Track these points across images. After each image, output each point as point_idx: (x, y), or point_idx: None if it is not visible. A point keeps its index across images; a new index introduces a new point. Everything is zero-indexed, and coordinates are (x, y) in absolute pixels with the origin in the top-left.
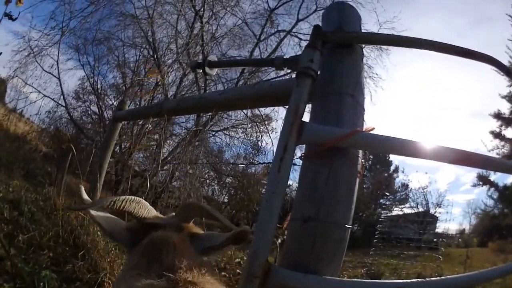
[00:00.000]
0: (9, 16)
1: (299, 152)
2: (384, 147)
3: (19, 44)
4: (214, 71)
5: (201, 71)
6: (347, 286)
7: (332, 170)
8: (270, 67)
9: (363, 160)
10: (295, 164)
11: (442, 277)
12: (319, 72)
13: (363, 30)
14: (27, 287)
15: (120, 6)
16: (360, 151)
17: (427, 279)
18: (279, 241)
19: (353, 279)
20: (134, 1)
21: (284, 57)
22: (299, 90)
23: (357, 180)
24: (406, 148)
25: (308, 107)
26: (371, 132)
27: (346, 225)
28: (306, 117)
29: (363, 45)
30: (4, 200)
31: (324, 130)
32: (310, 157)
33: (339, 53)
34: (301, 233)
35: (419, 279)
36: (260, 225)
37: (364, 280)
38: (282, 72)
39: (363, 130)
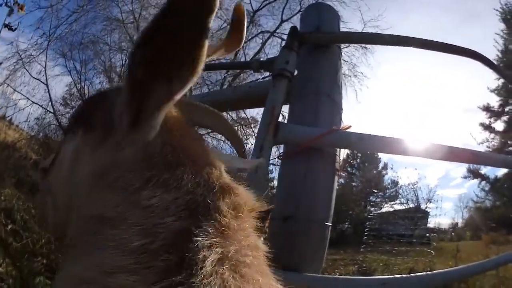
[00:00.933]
0: (8, 27)
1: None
2: (360, 145)
3: (7, 51)
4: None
5: None
6: (328, 282)
7: (309, 169)
8: (263, 70)
9: (348, 158)
10: (274, 164)
11: (429, 272)
12: (296, 73)
13: (347, 29)
14: None
15: (106, 11)
16: (338, 149)
17: (412, 274)
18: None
19: (336, 276)
20: (120, 5)
21: (261, 59)
22: (275, 91)
23: (336, 178)
24: (382, 145)
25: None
26: (347, 130)
27: (326, 223)
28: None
29: (342, 45)
30: None
31: (299, 130)
32: (288, 157)
33: (316, 53)
34: (281, 232)
35: (403, 275)
36: None
37: (345, 276)
38: (267, 73)
39: (339, 128)
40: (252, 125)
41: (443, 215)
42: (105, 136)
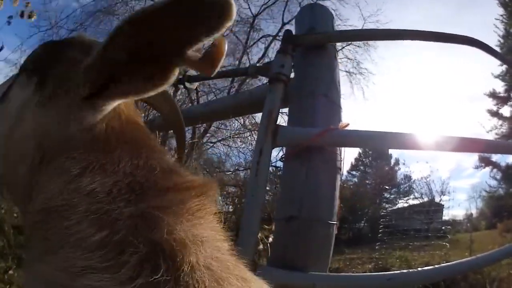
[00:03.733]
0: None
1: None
2: (359, 142)
3: (12, 72)
4: (195, 85)
5: (182, 86)
6: (333, 280)
7: (309, 169)
8: (260, 75)
9: (360, 157)
10: (277, 167)
11: (436, 265)
12: (293, 75)
13: (349, 26)
14: None
15: (108, 25)
16: (339, 148)
17: (419, 268)
18: (270, 240)
19: (341, 273)
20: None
21: (258, 64)
22: (272, 95)
23: (338, 176)
24: (381, 140)
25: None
26: (346, 128)
27: (330, 221)
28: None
29: (345, 43)
30: (9, 225)
31: (297, 132)
32: (289, 158)
33: (311, 54)
34: (285, 232)
35: (409, 269)
36: (243, 227)
37: (352, 274)
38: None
39: (338, 127)
40: None
41: (457, 206)
42: (56, 96)
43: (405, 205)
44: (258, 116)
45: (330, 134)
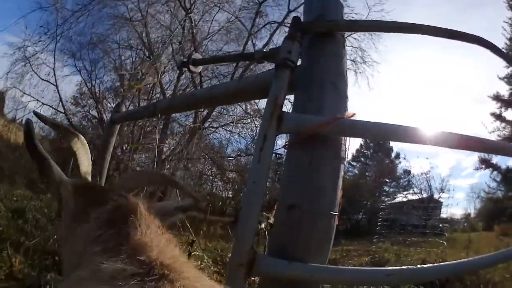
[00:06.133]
0: None
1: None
2: (364, 133)
3: (15, 55)
4: (199, 69)
5: (186, 69)
6: (331, 273)
7: (314, 157)
8: (266, 61)
9: (361, 148)
10: (280, 154)
11: (436, 264)
12: (300, 62)
13: (353, 14)
14: None
15: (114, 9)
16: (343, 138)
17: (419, 266)
18: (262, 226)
19: (339, 266)
20: (127, 3)
21: (264, 50)
22: (278, 81)
23: (342, 166)
24: (387, 133)
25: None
26: (352, 118)
27: (331, 212)
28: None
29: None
30: (8, 209)
31: (303, 119)
32: (292, 146)
33: (319, 42)
34: (286, 221)
35: (409, 266)
36: (243, 214)
37: (350, 267)
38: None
39: (344, 116)
40: None
41: (456, 205)
42: None
43: (404, 199)
44: (260, 103)
45: (336, 123)
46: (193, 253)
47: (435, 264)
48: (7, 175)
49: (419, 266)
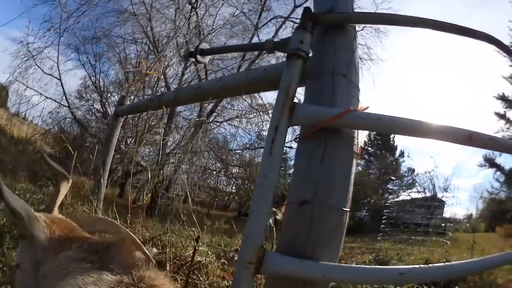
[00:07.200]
0: None
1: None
2: (378, 126)
3: (18, 49)
4: (207, 59)
5: (193, 59)
6: (345, 272)
7: (326, 152)
8: (275, 53)
9: (365, 145)
10: (290, 147)
11: (447, 263)
12: (311, 54)
13: (360, 9)
14: None
15: (117, 3)
16: (356, 132)
17: (431, 265)
18: (270, 221)
19: (352, 265)
20: None
21: (275, 40)
22: (290, 71)
23: (354, 161)
24: (400, 126)
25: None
26: (365, 111)
27: (344, 208)
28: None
29: (356, 25)
30: None
31: (316, 111)
32: (304, 138)
33: (331, 34)
34: (297, 217)
35: (421, 265)
36: (253, 210)
37: (363, 266)
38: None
39: (357, 109)
40: (269, 111)
41: (458, 204)
42: None
43: (407, 197)
44: (265, 97)
45: (350, 116)
46: (198, 249)
47: (446, 263)
48: (9, 169)
49: (430, 265)
